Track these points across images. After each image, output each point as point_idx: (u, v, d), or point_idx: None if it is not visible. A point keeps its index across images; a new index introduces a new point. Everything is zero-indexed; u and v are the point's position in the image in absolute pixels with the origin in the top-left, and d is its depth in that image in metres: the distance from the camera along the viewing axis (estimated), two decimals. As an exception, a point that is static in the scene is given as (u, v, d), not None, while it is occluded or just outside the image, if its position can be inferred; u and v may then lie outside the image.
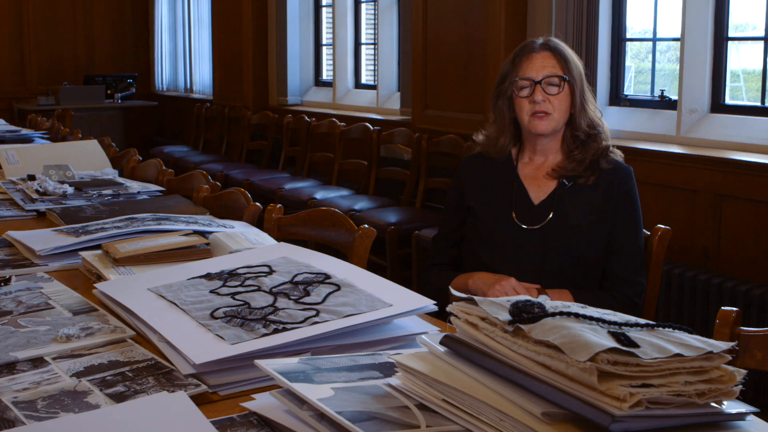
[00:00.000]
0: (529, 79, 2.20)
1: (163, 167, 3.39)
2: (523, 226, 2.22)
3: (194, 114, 8.17)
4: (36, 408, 1.16)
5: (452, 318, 1.13)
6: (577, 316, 1.02)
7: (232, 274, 1.67)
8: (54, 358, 1.36)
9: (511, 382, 1.01)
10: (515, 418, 0.96)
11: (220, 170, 6.33)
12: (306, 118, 6.36)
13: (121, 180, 3.15)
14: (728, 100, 3.90)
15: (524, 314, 1.04)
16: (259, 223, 2.42)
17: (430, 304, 1.45)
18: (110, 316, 1.58)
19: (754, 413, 1.01)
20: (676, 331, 1.01)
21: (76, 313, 1.60)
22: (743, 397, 1.00)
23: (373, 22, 6.44)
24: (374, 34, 6.33)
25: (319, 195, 5.25)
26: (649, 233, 2.24)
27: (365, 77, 6.68)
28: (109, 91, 8.70)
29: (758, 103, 3.78)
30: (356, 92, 6.65)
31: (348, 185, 5.68)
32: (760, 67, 3.75)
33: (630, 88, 4.41)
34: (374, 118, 5.88)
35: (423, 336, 1.18)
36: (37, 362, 1.34)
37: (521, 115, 2.23)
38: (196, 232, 2.08)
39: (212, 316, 1.44)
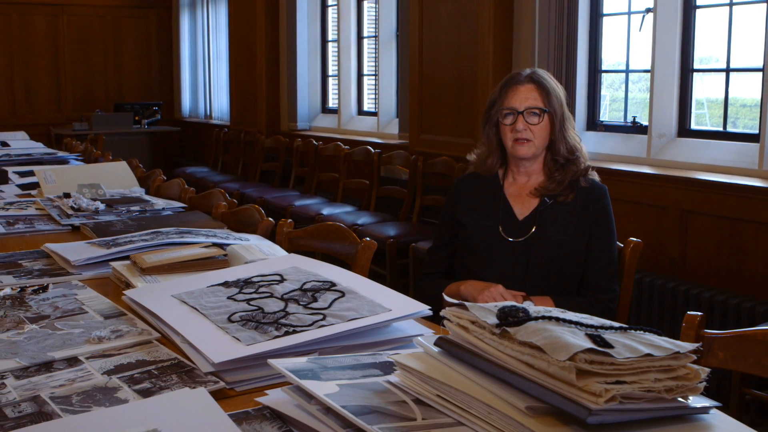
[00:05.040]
0: (512, 109, 2.21)
1: (186, 186, 3.39)
2: (509, 239, 2.23)
3: (213, 138, 8.19)
4: (71, 402, 1.16)
5: (445, 321, 1.13)
6: (557, 319, 1.03)
7: (247, 282, 1.67)
8: (87, 358, 1.36)
9: (498, 379, 1.02)
10: (502, 412, 0.96)
11: (236, 189, 6.33)
12: (314, 141, 6.38)
13: (147, 197, 3.15)
14: (693, 126, 3.91)
15: (510, 318, 1.05)
16: (271, 236, 2.42)
17: (425, 309, 1.45)
18: (138, 319, 1.58)
19: (717, 407, 1.01)
20: (647, 333, 1.02)
21: (107, 317, 1.60)
22: (707, 393, 1.00)
23: (374, 55, 6.46)
24: (375, 66, 6.35)
25: (326, 211, 5.25)
26: (622, 245, 2.25)
27: (367, 105, 6.70)
28: (137, 118, 8.74)
29: (720, 128, 3.79)
30: (359, 118, 6.66)
31: (351, 202, 5.69)
32: (722, 95, 3.76)
33: (605, 115, 4.42)
34: (375, 141, 5.89)
35: (419, 338, 1.18)
36: (72, 361, 1.35)
37: (505, 140, 2.24)
38: (215, 245, 2.08)
39: (229, 320, 1.44)
